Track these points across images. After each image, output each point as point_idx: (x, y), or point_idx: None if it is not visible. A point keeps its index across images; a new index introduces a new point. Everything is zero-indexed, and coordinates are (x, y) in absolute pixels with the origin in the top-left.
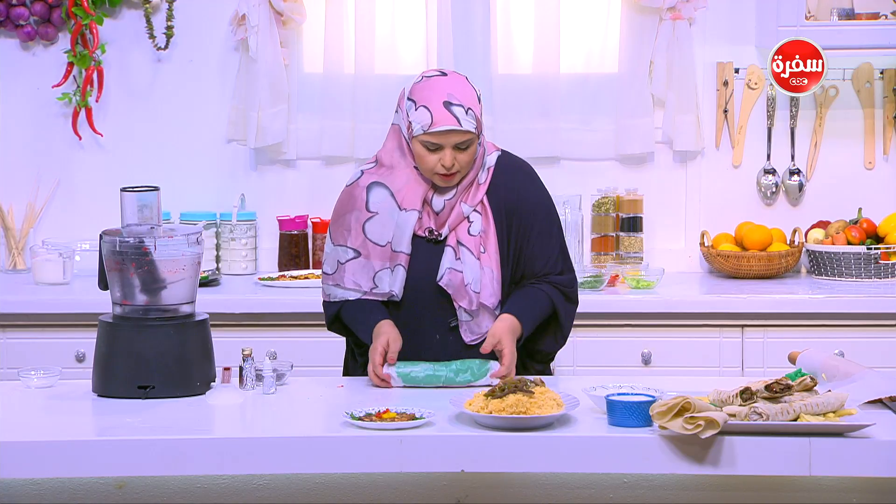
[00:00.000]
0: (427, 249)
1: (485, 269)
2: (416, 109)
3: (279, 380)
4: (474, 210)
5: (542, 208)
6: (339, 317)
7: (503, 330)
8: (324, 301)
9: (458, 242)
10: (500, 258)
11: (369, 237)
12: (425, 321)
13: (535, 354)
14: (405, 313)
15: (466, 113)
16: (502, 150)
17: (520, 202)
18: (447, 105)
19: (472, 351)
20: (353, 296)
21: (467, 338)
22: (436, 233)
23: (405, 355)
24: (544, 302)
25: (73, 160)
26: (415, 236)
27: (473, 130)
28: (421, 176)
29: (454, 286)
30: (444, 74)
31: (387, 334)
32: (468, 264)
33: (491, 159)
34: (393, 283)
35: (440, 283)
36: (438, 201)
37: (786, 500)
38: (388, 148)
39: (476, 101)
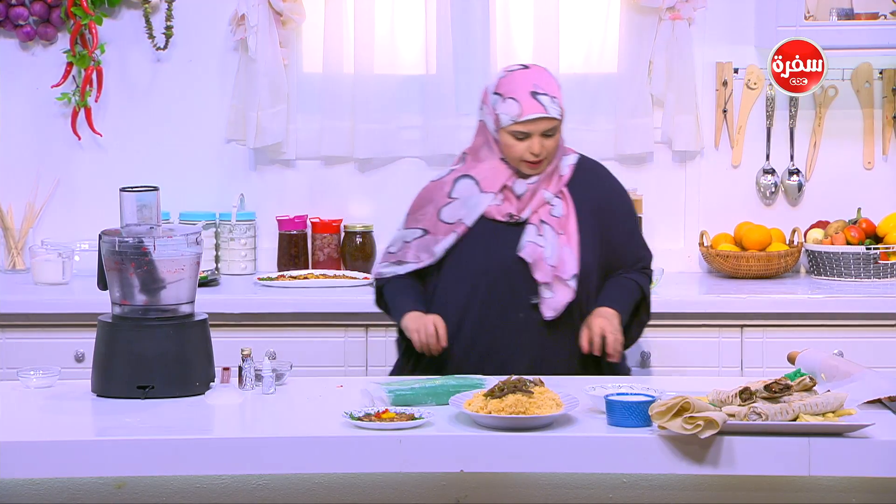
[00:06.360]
0: (508, 231)
1: (564, 248)
2: (503, 101)
3: (279, 380)
4: (555, 196)
5: (626, 206)
6: (383, 292)
7: (600, 321)
8: (375, 280)
9: (541, 221)
10: (585, 245)
11: (441, 218)
12: (507, 300)
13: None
14: (489, 293)
15: (552, 101)
16: (580, 154)
17: (608, 201)
18: (534, 94)
19: (552, 327)
20: (410, 268)
21: (547, 314)
22: (516, 216)
23: (490, 333)
24: (636, 292)
25: (73, 160)
26: (495, 221)
27: (559, 117)
28: (505, 164)
29: (534, 257)
30: (527, 67)
31: (431, 316)
32: (549, 240)
33: (572, 158)
34: (438, 247)
35: (520, 254)
36: (521, 185)
37: (785, 500)
38: (475, 144)
39: (559, 89)
